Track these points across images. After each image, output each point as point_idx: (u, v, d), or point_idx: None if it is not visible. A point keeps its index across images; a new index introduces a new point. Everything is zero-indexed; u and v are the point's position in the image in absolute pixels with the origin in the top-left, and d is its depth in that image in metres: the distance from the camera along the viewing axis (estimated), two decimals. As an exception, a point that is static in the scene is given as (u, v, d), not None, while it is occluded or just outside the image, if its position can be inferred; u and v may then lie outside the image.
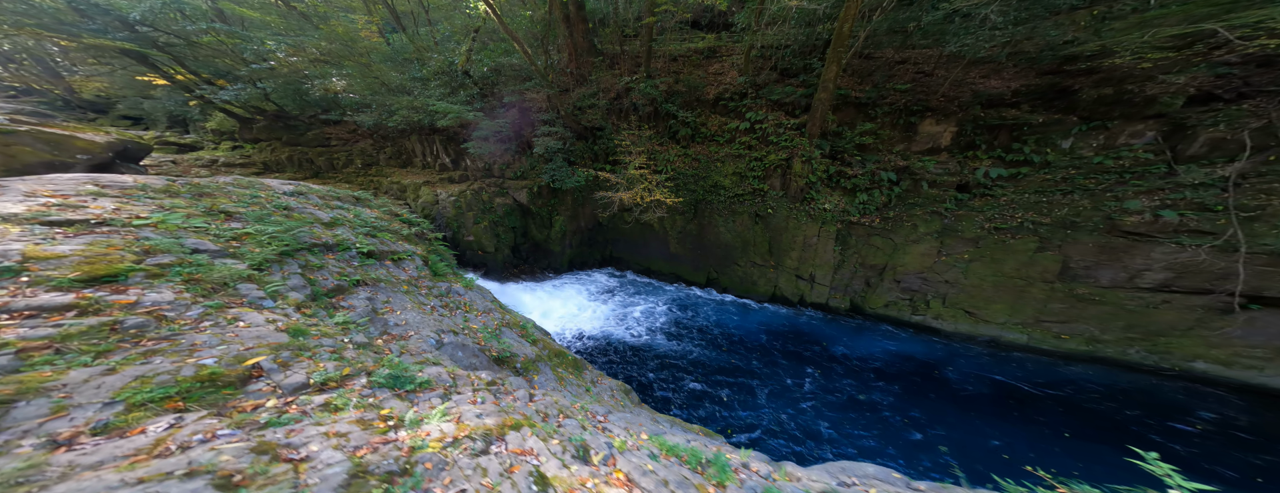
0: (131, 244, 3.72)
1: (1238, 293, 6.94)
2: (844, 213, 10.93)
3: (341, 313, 4.46)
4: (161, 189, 5.27)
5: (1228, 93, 7.87)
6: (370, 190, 15.36)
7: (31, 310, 2.72)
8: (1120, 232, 8.13)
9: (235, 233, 4.70)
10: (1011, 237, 9.16)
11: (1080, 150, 8.97)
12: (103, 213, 4.16)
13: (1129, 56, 7.47)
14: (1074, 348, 8.59)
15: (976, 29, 8.59)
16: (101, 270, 3.26)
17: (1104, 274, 8.31)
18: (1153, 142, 8.37)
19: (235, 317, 3.34)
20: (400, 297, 5.28)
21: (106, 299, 3.00)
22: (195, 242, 4.21)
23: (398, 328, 4.67)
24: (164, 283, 3.40)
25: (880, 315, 10.70)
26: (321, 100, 18.36)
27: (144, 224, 4.18)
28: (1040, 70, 9.66)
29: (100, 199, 4.51)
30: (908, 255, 10.21)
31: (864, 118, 10.95)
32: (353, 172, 17.03)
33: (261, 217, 5.42)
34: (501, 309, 6.63)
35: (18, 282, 2.93)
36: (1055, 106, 9.31)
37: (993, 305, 9.35)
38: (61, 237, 3.60)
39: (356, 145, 18.20)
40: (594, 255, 14.85)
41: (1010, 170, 9.50)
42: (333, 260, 5.22)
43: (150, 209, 4.59)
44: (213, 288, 3.60)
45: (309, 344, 3.32)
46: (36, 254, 3.21)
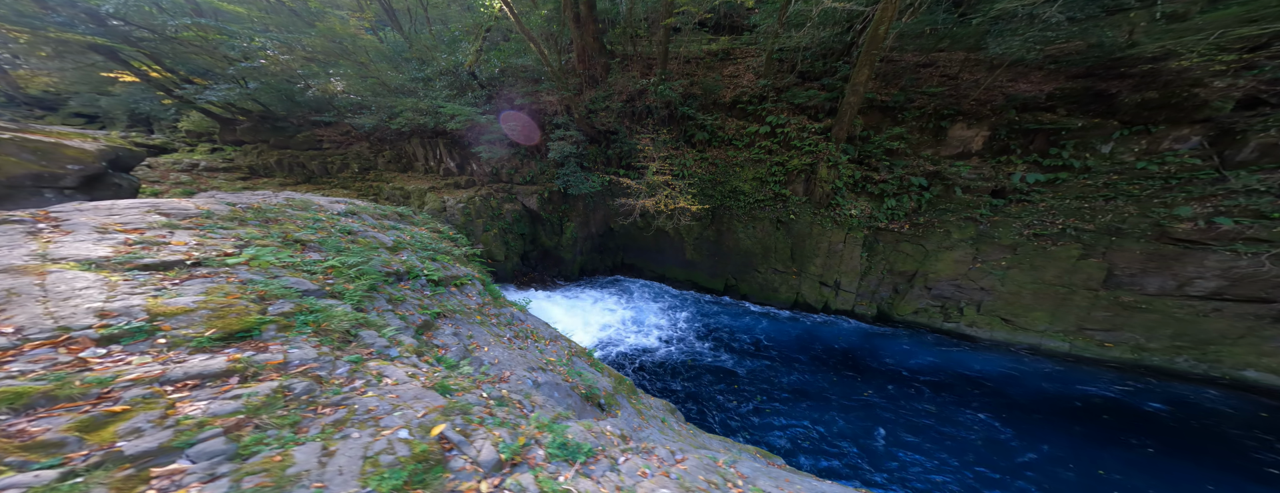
0: (244, 290, 3.24)
1: (1305, 304, 6.50)
2: (871, 219, 10.29)
3: (440, 353, 3.88)
4: (228, 217, 4.52)
5: (1274, 97, 7.43)
6: (370, 197, 14.17)
7: (194, 379, 2.37)
8: (1171, 239, 7.63)
9: (319, 265, 4.06)
10: (1053, 243, 8.63)
11: (1121, 155, 8.47)
12: (189, 250, 3.59)
13: (1196, 58, 6.93)
14: (1119, 356, 8.11)
15: (1025, 30, 7.97)
16: (235, 326, 2.83)
17: (1151, 282, 7.83)
18: (1198, 146, 7.89)
19: (378, 372, 2.97)
20: (477, 329, 4.56)
21: (256, 360, 2.63)
22: (292, 280, 3.65)
23: (494, 368, 4.00)
24: (297, 335, 3.00)
25: (909, 322, 10.11)
26: (313, 101, 16.97)
27: (237, 263, 3.62)
28: (1070, 74, 9.14)
29: (177, 233, 3.87)
30: (940, 262, 9.62)
31: (891, 122, 10.30)
32: (349, 177, 15.74)
33: (338, 246, 4.67)
34: (558, 334, 5.91)
35: (156, 344, 2.51)
36: (1092, 110, 8.78)
37: (1032, 313, 8.82)
38: (169, 284, 3.09)
39: (351, 148, 16.87)
40: (605, 263, 13.97)
41: (1048, 175, 8.96)
42: (408, 291, 4.51)
43: (231, 242, 3.96)
44: (340, 338, 3.20)
45: (462, 403, 2.99)
46: (160, 309, 2.75)
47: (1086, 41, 7.88)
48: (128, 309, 2.61)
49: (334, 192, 14.73)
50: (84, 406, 2.00)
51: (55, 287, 2.62)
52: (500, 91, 12.48)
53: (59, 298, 2.54)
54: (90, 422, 1.95)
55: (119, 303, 2.63)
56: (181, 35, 13.69)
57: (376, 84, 13.07)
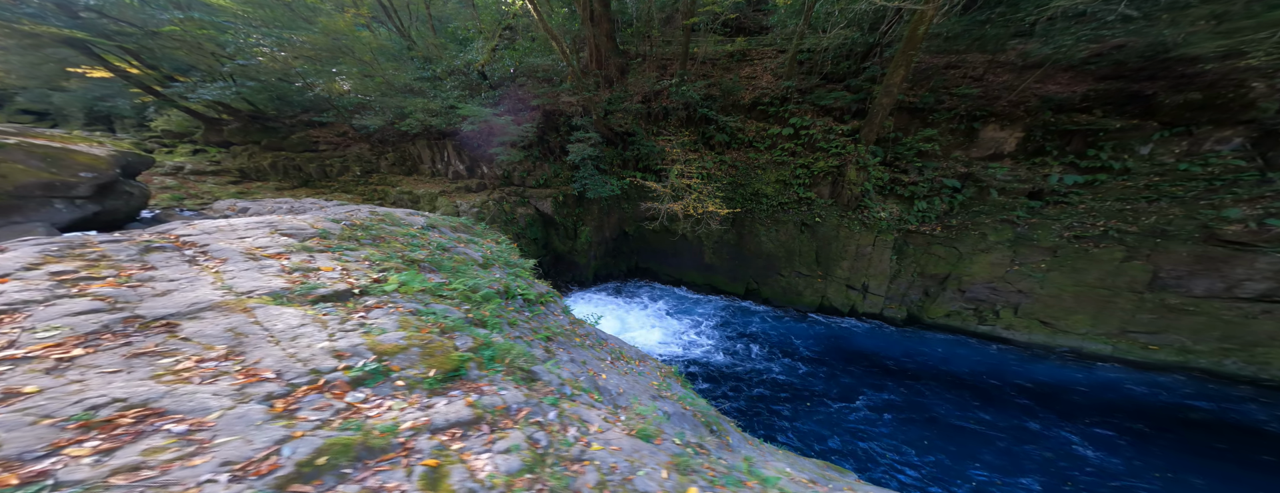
0: (423, 322, 2.98)
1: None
2: (901, 221, 9.84)
3: (572, 382, 3.40)
4: (344, 236, 4.15)
5: (1311, 96, 7.13)
6: (375, 202, 13.26)
7: (455, 427, 2.22)
8: (1219, 241, 7.30)
9: (447, 289, 3.70)
10: (1094, 245, 8.25)
11: (1161, 157, 8.12)
12: (342, 277, 3.30)
13: (1264, 57, 6.56)
14: (1164, 359, 7.78)
15: (1078, 29, 7.54)
16: (446, 365, 2.62)
17: (1198, 284, 7.49)
18: (1241, 148, 7.57)
19: (579, 417, 2.72)
20: (584, 353, 4.09)
21: (485, 404, 2.44)
22: (443, 307, 3.32)
23: (621, 398, 3.51)
24: (494, 374, 2.77)
25: (941, 326, 9.70)
26: (309, 100, 15.93)
27: (392, 290, 3.29)
28: (1099, 75, 8.80)
29: (317, 257, 3.55)
30: (975, 265, 9.20)
31: (920, 123, 9.85)
32: (350, 180, 14.76)
33: (448, 266, 4.27)
34: (641, 351, 5.40)
35: (396, 386, 2.35)
36: (1129, 112, 8.43)
37: (1073, 316, 8.45)
38: (357, 317, 2.84)
39: (350, 150, 15.87)
40: (620, 267, 13.32)
41: (1086, 177, 8.58)
42: (514, 313, 4.09)
43: (366, 266, 3.63)
44: (524, 376, 2.93)
45: (684, 459, 2.65)
46: (379, 347, 2.58)
47: (1142, 40, 7.47)
48: (354, 349, 2.44)
49: (336, 196, 13.75)
50: (397, 457, 1.90)
51: (272, 324, 2.45)
52: (512, 92, 11.71)
53: (286, 338, 2.37)
54: (427, 479, 1.84)
55: (343, 342, 2.47)
56: (165, 30, 12.58)
57: (383, 84, 12.17)
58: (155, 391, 1.83)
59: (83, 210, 6.82)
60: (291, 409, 1.94)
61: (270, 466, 1.62)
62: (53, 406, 1.67)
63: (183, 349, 2.10)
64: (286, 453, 1.69)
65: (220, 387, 1.94)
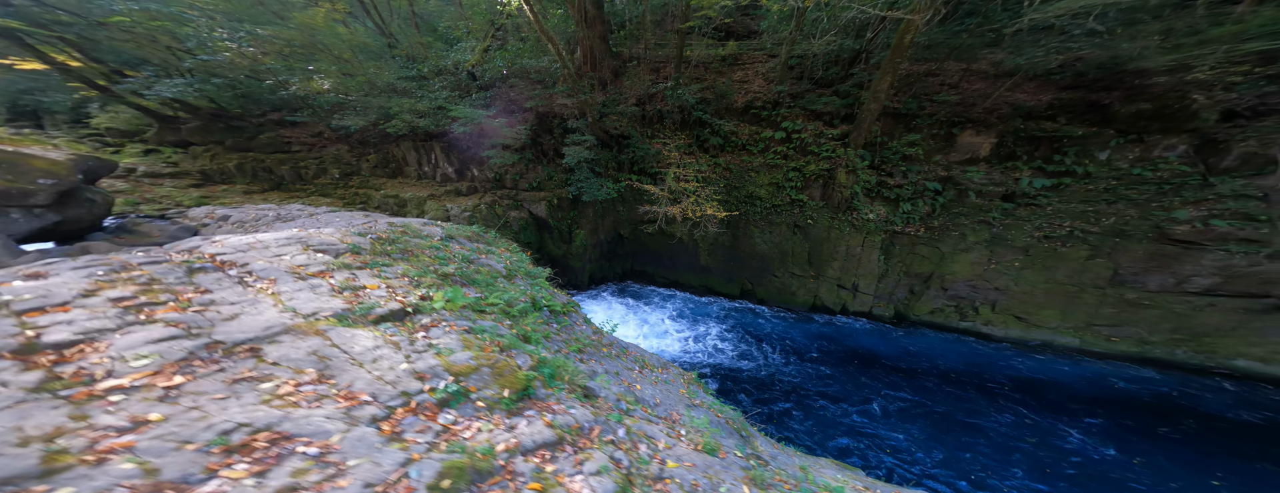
0: (483, 340, 3.01)
1: (1297, 299, 7.08)
2: (888, 223, 10.37)
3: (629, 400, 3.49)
4: (375, 251, 4.09)
5: (1245, 110, 8.05)
6: (357, 206, 12.79)
7: (542, 449, 2.25)
8: (1170, 240, 8.11)
9: (486, 304, 3.69)
10: (1062, 245, 8.99)
11: (1117, 162, 8.92)
12: (391, 296, 3.28)
13: (1208, 72, 7.33)
14: (1124, 350, 8.57)
15: (1049, 41, 8.19)
16: (515, 384, 2.66)
17: (1152, 280, 8.30)
18: (1185, 154, 8.44)
19: (644, 433, 2.77)
20: (611, 362, 4.12)
21: (561, 424, 2.46)
22: (490, 324, 3.34)
23: (660, 408, 3.57)
24: (558, 391, 2.80)
25: (925, 322, 10.30)
26: (281, 99, 15.18)
27: (441, 308, 3.27)
28: (1062, 85, 9.58)
29: (360, 275, 3.51)
30: (957, 264, 9.83)
31: (903, 128, 10.42)
32: (329, 183, 14.14)
33: (479, 279, 4.23)
34: (663, 360, 5.52)
35: (477, 407, 2.40)
36: (1089, 119, 9.22)
37: (1044, 311, 9.17)
38: (421, 337, 2.85)
39: (327, 151, 15.21)
40: (615, 270, 13.39)
41: (1053, 180, 9.32)
42: (543, 324, 4.08)
43: (406, 283, 3.57)
44: (584, 393, 2.96)
45: (759, 472, 2.73)
46: (454, 368, 2.61)
47: (1103, 53, 8.18)
48: (432, 370, 2.47)
49: (313, 200, 13.17)
50: (504, 480, 1.95)
51: (349, 347, 2.46)
52: (504, 93, 11.57)
53: (367, 360, 2.39)
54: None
55: (420, 363, 2.50)
56: (113, 20, 11.73)
57: (365, 83, 11.77)
58: (272, 415, 1.86)
59: (41, 220, 6.38)
60: (398, 432, 1.98)
61: (406, 488, 1.68)
62: (186, 431, 1.69)
63: (277, 374, 2.11)
64: (414, 475, 1.74)
65: (328, 410, 1.96)
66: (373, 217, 5.88)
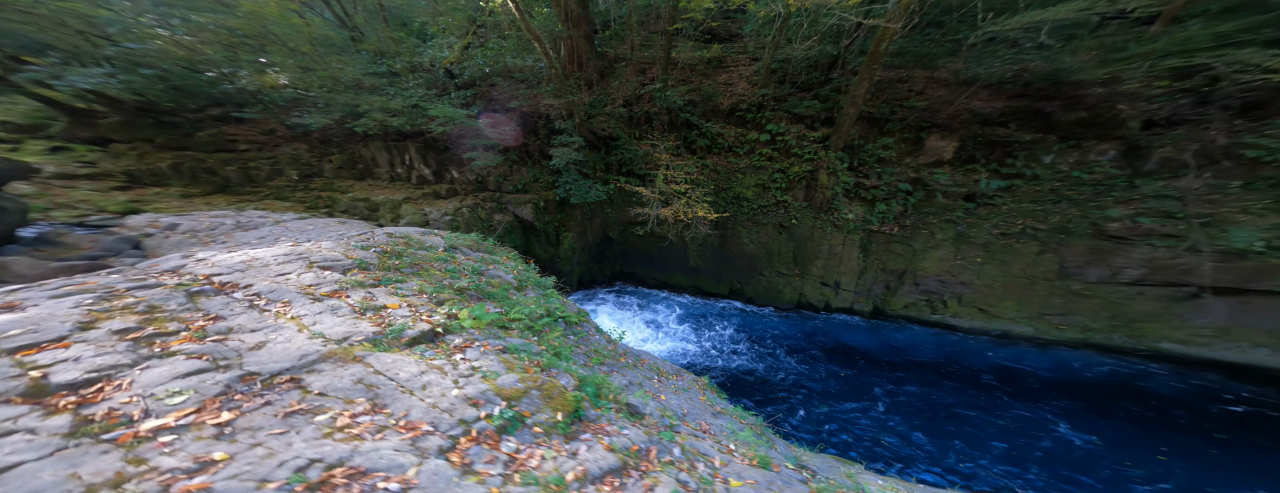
0: (522, 361, 2.90)
1: (1207, 285, 8.25)
2: (865, 222, 11.03)
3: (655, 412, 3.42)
4: (382, 266, 3.84)
5: (1162, 119, 9.29)
6: (322, 211, 11.90)
7: (609, 475, 2.20)
8: (1105, 235, 9.19)
9: (507, 319, 3.55)
10: (1016, 241, 9.94)
11: (1059, 165, 9.97)
12: (415, 316, 3.11)
13: (1135, 84, 8.34)
14: (1071, 337, 9.63)
15: (1004, 53, 9.02)
16: (565, 406, 2.60)
17: (1092, 272, 9.38)
18: (1115, 159, 9.59)
19: (697, 450, 2.71)
20: (630, 372, 4.04)
21: (620, 446, 2.44)
22: (520, 341, 3.21)
23: (690, 418, 3.45)
24: (607, 411, 2.75)
25: (901, 316, 11.06)
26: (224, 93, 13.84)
27: (470, 326, 3.13)
28: (1011, 94, 10.60)
29: (373, 293, 3.31)
30: (927, 260, 10.62)
31: (877, 132, 11.10)
32: (286, 185, 13.02)
33: (492, 292, 4.03)
34: (678, 367, 5.52)
35: (535, 432, 2.34)
36: (1035, 126, 10.25)
37: (1003, 303, 10.12)
38: (460, 360, 2.74)
39: (281, 151, 14.03)
40: (604, 272, 13.34)
41: (1006, 182, 10.28)
42: (560, 337, 3.96)
43: (425, 300, 3.39)
44: (629, 411, 2.90)
45: (823, 484, 2.76)
46: (504, 393, 2.52)
47: (1050, 65, 9.10)
48: (483, 396, 2.41)
49: (268, 204, 12.11)
50: None
51: (394, 374, 2.36)
52: (486, 92, 11.18)
53: (417, 387, 2.31)
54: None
55: (470, 389, 2.42)
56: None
57: (328, 78, 10.97)
58: (341, 450, 1.75)
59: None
60: (468, 463, 1.91)
61: (498, 522, 1.62)
62: (258, 470, 1.60)
63: (328, 405, 1.96)
64: (499, 508, 1.68)
65: (393, 442, 1.85)
66: (376, 229, 5.52)
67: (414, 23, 13.24)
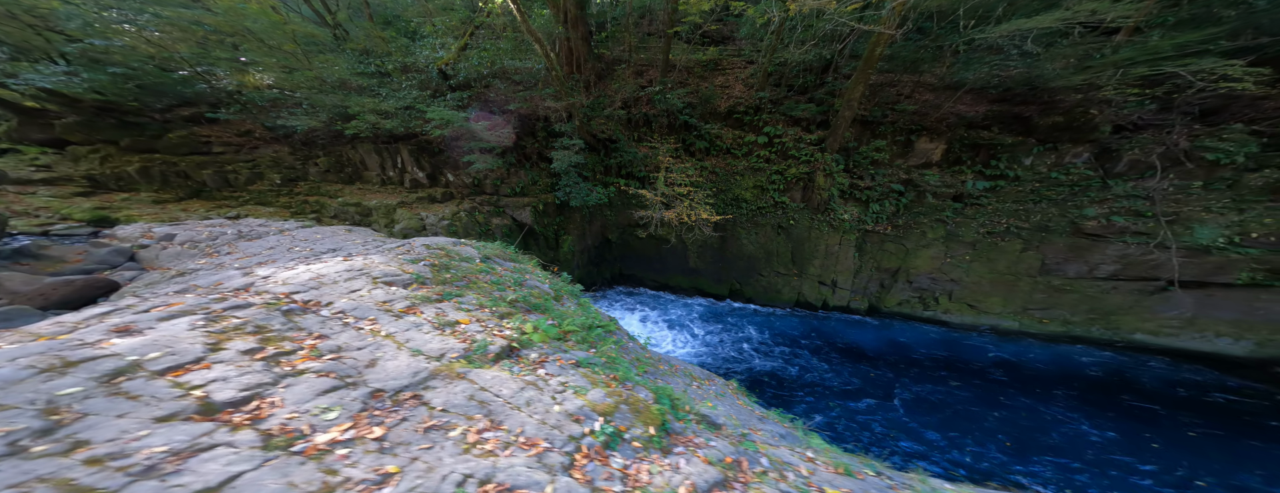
0: (599, 374, 2.96)
1: (1174, 279, 8.92)
2: (860, 222, 11.44)
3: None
4: (438, 280, 3.84)
5: (1129, 124, 9.99)
6: (310, 216, 11.51)
7: (715, 489, 2.23)
8: (1083, 233, 9.82)
9: (561, 331, 3.58)
10: (1001, 240, 10.50)
11: (1039, 167, 10.58)
12: (482, 330, 3.16)
13: (1111, 91, 8.93)
14: (1053, 330, 10.24)
15: (991, 59, 9.51)
16: (652, 420, 2.65)
17: (1072, 268, 10.00)
18: (1088, 161, 10.26)
19: (780, 459, 2.71)
20: (670, 379, 4.13)
21: (715, 459, 2.46)
22: (586, 354, 3.27)
23: (730, 426, 3.45)
24: (689, 423, 2.77)
25: (895, 313, 11.52)
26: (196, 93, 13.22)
27: (538, 341, 3.17)
28: (991, 98, 11.19)
29: (444, 309, 3.32)
30: (919, 259, 11.09)
31: (871, 135, 11.52)
32: (268, 190, 12.50)
33: (543, 305, 4.05)
34: (707, 371, 5.60)
35: (634, 448, 2.40)
36: (1015, 129, 10.85)
37: (990, 299, 10.67)
38: (546, 376, 2.80)
39: (261, 153, 13.48)
40: (603, 275, 13.37)
41: (990, 183, 10.84)
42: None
43: (488, 314, 3.42)
44: (706, 422, 2.91)
45: (876, 484, 2.82)
46: (598, 408, 2.57)
47: (1032, 71, 9.65)
48: (581, 411, 2.46)
49: (250, 209, 11.62)
50: None
51: (498, 390, 2.45)
52: (483, 94, 11.05)
53: (521, 403, 2.40)
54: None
55: (568, 405, 2.49)
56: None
57: (314, 78, 10.63)
58: (483, 465, 1.91)
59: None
60: (589, 479, 2.00)
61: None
62: (427, 484, 1.72)
63: (454, 421, 2.11)
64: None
65: (521, 459, 1.97)
66: (412, 240, 5.44)
67: (401, 21, 12.94)
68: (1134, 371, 9.21)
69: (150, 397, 1.84)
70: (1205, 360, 9.06)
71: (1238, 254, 8.39)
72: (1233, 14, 8.50)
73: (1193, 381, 8.74)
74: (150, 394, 1.86)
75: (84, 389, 1.80)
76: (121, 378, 1.92)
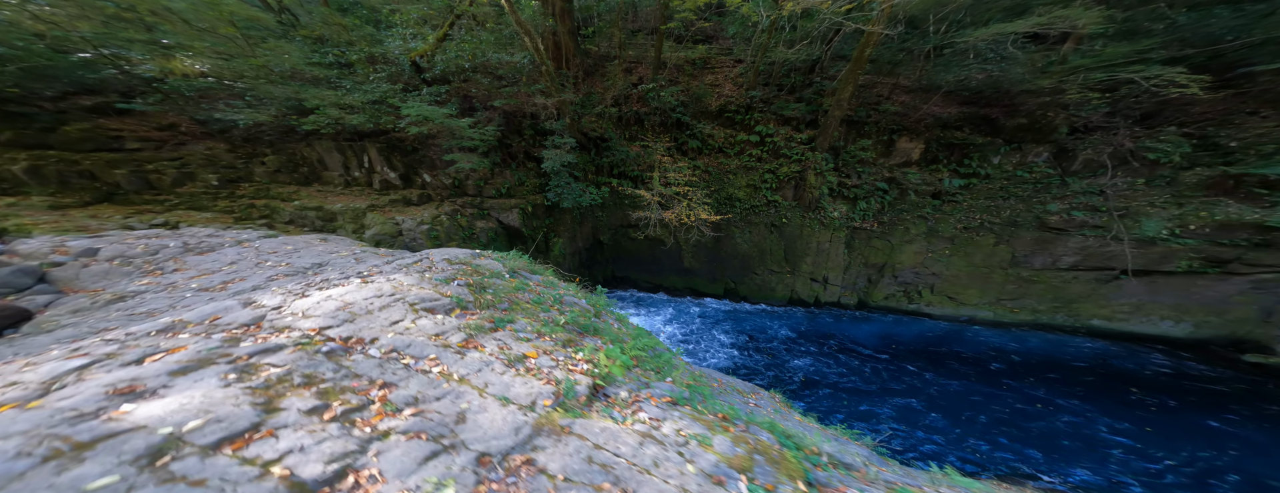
0: (711, 416, 2.69)
1: (1127, 269, 9.93)
2: (848, 219, 11.83)
3: None
4: (481, 304, 3.38)
5: (1081, 125, 11.01)
6: (259, 221, 10.16)
7: None
8: (1047, 227, 10.70)
9: (627, 357, 3.15)
10: (976, 234, 11.23)
11: (1006, 166, 11.42)
12: (553, 364, 2.77)
13: (1075, 94, 9.71)
14: (1022, 318, 11.12)
15: (969, 62, 10.07)
16: (796, 472, 2.32)
17: (1037, 260, 10.88)
18: (1048, 160, 11.20)
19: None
20: (726, 397, 3.69)
21: None
22: (668, 387, 2.90)
23: (857, 464, 3.19)
24: (829, 471, 2.49)
25: (882, 307, 12.04)
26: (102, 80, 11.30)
27: (616, 374, 2.80)
28: (960, 100, 11.96)
29: (505, 341, 2.88)
30: (903, 254, 11.65)
31: (857, 134, 11.92)
32: (202, 192, 10.85)
33: (594, 327, 3.61)
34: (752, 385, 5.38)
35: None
36: (984, 130, 11.64)
37: (968, 291, 11.40)
38: (658, 425, 2.40)
39: (190, 150, 11.75)
40: (596, 277, 12.92)
41: (964, 180, 11.56)
42: None
43: (549, 344, 3.01)
44: (841, 464, 2.66)
45: None
46: (732, 463, 2.21)
47: (992, 75, 10.31)
48: (717, 469, 2.15)
49: (183, 216, 10.07)
50: None
51: (615, 447, 2.14)
52: (463, 89, 10.23)
53: (648, 463, 2.09)
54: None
55: (701, 462, 2.19)
56: None
57: (260, 67, 9.37)
58: None
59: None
60: None
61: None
62: None
63: (579, 492, 1.66)
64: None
65: None
66: (429, 252, 4.78)
67: (360, 8, 11.72)
68: (1114, 356, 10.10)
69: (220, 482, 1.37)
70: (1150, 342, 10.18)
71: (1178, 244, 9.46)
72: (1160, 27, 9.55)
73: (1157, 363, 9.70)
74: (218, 477, 1.41)
75: (123, 480, 1.30)
76: (166, 458, 1.42)
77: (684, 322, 11.28)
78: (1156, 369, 9.44)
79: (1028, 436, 7.32)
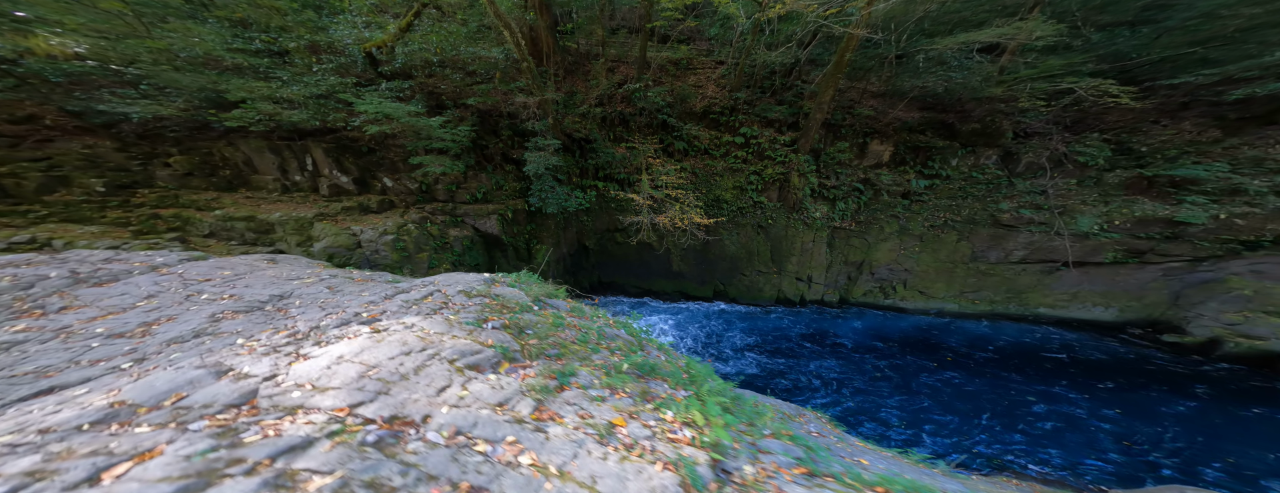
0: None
1: (1068, 261, 11.20)
2: (829, 219, 12.27)
3: None
4: (529, 353, 2.76)
5: (1021, 131, 12.29)
6: (169, 236, 8.32)
7: None
8: (1000, 224, 11.81)
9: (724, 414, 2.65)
10: (941, 232, 12.13)
11: (963, 168, 12.46)
12: (649, 433, 2.21)
13: (1026, 102, 10.70)
14: (982, 309, 12.19)
15: (935, 70, 10.76)
16: None
17: (993, 254, 11.98)
18: (997, 162, 12.37)
19: None
20: (794, 425, 3.27)
21: None
22: (782, 446, 2.52)
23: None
24: None
25: (861, 303, 12.65)
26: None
27: (718, 445, 2.24)
28: (921, 105, 12.89)
29: (573, 400, 2.32)
30: (879, 252, 12.29)
31: (835, 137, 12.37)
32: (83, 201, 8.64)
33: (656, 368, 3.17)
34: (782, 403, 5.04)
35: None
36: (943, 134, 12.61)
37: (936, 285, 12.30)
38: None
39: (60, 147, 9.41)
40: (581, 284, 12.27)
41: (928, 181, 12.45)
42: None
43: (635, 405, 2.45)
44: None
45: None
46: None
47: (949, 82, 11.15)
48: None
49: (56, 231, 7.99)
50: None
51: None
52: (430, 85, 9.10)
53: None
54: None
55: None
56: None
57: (160, 50, 7.67)
58: None
59: None
60: None
61: None
62: None
63: None
64: None
65: None
66: (434, 279, 3.91)
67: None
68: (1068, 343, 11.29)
69: None
70: (1086, 327, 11.59)
71: (1106, 238, 10.83)
72: (1078, 43, 10.86)
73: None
74: None
75: None
76: None
77: (683, 326, 11.04)
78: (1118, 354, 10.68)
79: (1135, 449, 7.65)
